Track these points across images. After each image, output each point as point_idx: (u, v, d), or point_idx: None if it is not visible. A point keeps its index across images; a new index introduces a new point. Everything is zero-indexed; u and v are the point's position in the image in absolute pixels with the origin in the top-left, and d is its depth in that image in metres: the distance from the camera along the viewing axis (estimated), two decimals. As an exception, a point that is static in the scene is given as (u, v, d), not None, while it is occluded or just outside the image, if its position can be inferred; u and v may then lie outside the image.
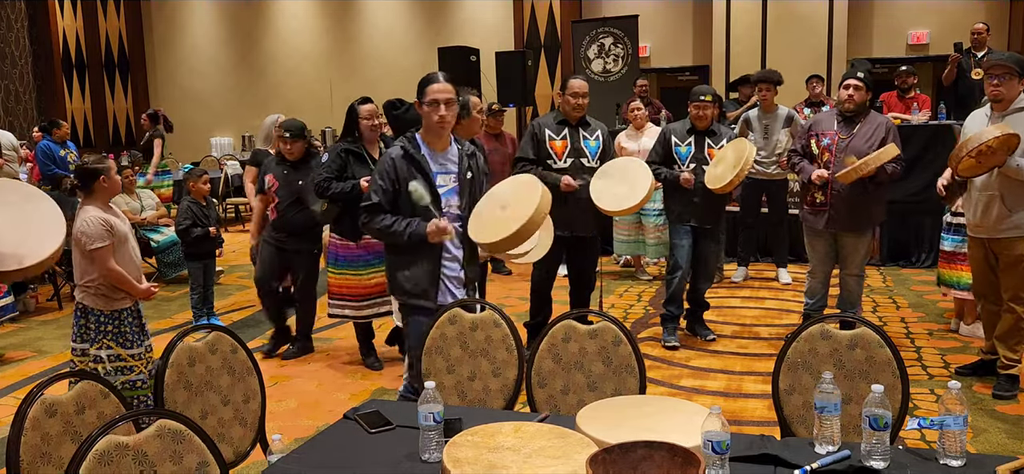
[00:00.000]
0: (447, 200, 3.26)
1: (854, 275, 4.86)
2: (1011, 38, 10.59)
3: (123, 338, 3.80)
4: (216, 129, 15.19)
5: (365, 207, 3.25)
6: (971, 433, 3.82)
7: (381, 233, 3.25)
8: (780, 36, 10.80)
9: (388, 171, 3.19)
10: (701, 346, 5.37)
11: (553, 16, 12.38)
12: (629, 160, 4.97)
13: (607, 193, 4.66)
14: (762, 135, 6.72)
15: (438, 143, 3.26)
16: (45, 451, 2.30)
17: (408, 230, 3.17)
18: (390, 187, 3.18)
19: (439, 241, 3.18)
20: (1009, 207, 4.09)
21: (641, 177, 4.66)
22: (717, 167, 4.96)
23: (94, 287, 3.73)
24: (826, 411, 2.12)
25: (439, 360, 3.02)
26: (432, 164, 3.23)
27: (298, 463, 2.23)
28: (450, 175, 3.28)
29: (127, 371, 3.82)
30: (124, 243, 3.78)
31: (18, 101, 14.03)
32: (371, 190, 3.24)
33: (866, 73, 4.72)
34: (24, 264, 2.89)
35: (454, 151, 3.32)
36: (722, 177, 4.84)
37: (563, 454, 1.97)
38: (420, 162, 3.19)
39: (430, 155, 3.24)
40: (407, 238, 3.17)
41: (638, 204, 4.61)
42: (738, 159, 4.80)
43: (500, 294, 6.88)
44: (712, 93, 5.20)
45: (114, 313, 3.78)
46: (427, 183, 3.20)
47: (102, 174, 3.74)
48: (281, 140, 4.99)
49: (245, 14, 14.95)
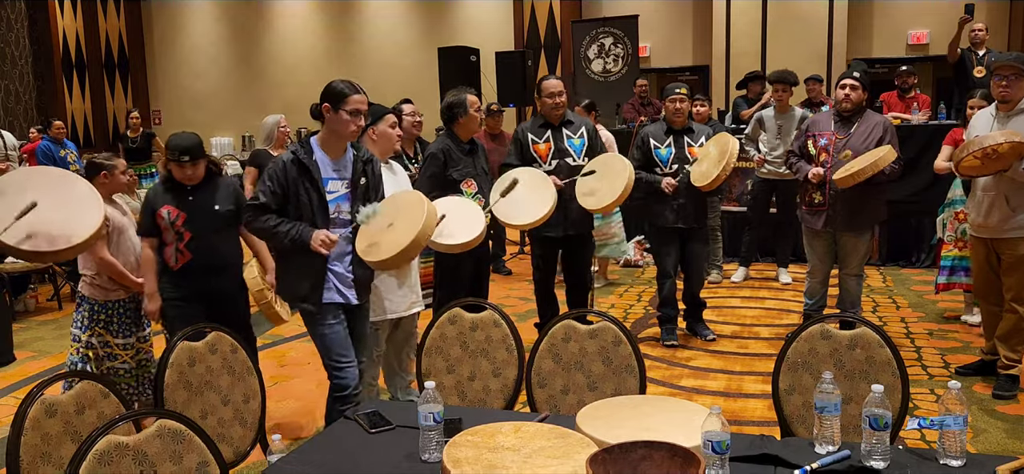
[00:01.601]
0: (338, 206, 3.25)
1: (853, 275, 4.86)
2: (1011, 38, 10.59)
3: (112, 327, 3.92)
4: (216, 129, 15.18)
5: (250, 205, 3.23)
6: (971, 433, 3.82)
7: (263, 232, 3.24)
8: (780, 36, 10.80)
9: (278, 175, 3.17)
10: (701, 346, 5.37)
11: (553, 16, 12.38)
12: (609, 156, 4.81)
13: (587, 190, 4.57)
14: (776, 135, 6.72)
15: (336, 151, 3.26)
16: (45, 451, 2.30)
17: (290, 234, 3.14)
18: (279, 190, 3.16)
19: (323, 252, 3.16)
20: (1013, 207, 4.08)
21: (619, 169, 4.47)
22: (701, 164, 4.94)
23: (90, 278, 3.88)
24: (826, 411, 2.12)
25: (439, 360, 3.03)
26: (324, 170, 3.22)
27: (298, 463, 2.23)
28: (342, 182, 3.28)
29: (111, 358, 3.92)
30: (122, 234, 3.89)
31: (18, 101, 14.03)
32: (258, 190, 3.23)
33: (862, 73, 4.72)
34: (72, 242, 3.10)
35: (349, 158, 3.32)
36: (708, 174, 4.82)
37: (563, 454, 1.97)
38: (310, 168, 3.18)
39: (323, 161, 3.23)
40: (288, 242, 3.15)
41: (617, 199, 4.41)
42: (722, 154, 4.77)
43: (500, 294, 6.88)
44: (687, 87, 5.16)
45: (107, 303, 3.90)
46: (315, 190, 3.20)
47: (105, 170, 3.88)
48: (177, 165, 3.70)
49: (245, 14, 14.94)
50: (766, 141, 6.80)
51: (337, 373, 3.26)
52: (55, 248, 3.09)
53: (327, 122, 3.21)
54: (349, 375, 3.26)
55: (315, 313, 3.24)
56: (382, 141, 3.70)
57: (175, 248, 3.72)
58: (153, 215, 3.71)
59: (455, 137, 4.30)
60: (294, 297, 3.32)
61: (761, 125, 6.83)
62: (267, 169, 3.25)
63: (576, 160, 4.78)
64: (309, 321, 3.30)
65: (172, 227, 3.69)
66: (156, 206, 3.72)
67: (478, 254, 4.33)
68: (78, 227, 3.15)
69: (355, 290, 3.33)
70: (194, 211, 3.73)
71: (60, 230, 3.09)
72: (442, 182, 4.12)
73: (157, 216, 3.71)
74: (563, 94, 4.83)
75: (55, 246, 3.08)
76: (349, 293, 3.31)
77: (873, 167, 4.35)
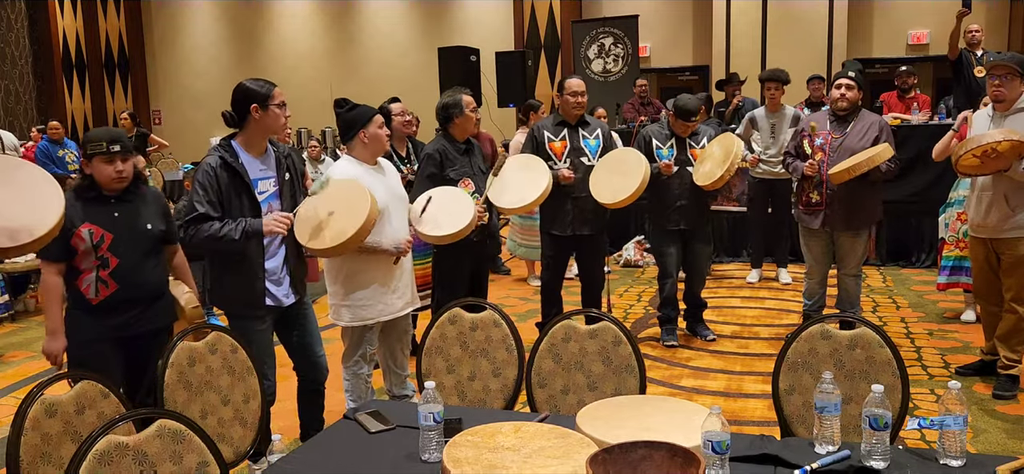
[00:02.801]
0: (270, 205, 3.23)
1: (852, 275, 4.86)
2: (1011, 38, 10.59)
3: None
4: (216, 129, 15.15)
5: (190, 220, 3.08)
6: (971, 433, 3.82)
7: (211, 240, 3.07)
8: (780, 36, 10.80)
9: (210, 182, 3.10)
10: (701, 346, 5.37)
11: (553, 16, 12.39)
12: (625, 150, 4.92)
13: (604, 186, 4.64)
14: (769, 134, 6.71)
15: (259, 149, 3.24)
16: (45, 451, 2.30)
17: (242, 228, 3.07)
18: (214, 197, 3.10)
19: (280, 232, 3.13)
20: (1012, 207, 4.08)
21: (635, 164, 4.60)
22: (704, 164, 4.94)
23: None
24: (826, 411, 2.12)
25: (439, 360, 3.02)
26: (251, 171, 3.19)
27: (298, 463, 2.23)
28: (270, 180, 3.26)
29: None
30: None
31: (18, 101, 14.03)
32: (195, 200, 3.09)
33: (857, 73, 4.72)
34: (36, 235, 2.64)
35: (271, 154, 3.30)
36: (711, 173, 4.82)
37: (563, 454, 1.97)
38: (239, 171, 3.15)
39: (249, 162, 3.21)
40: (241, 237, 3.06)
41: (634, 193, 4.50)
42: (726, 155, 4.78)
43: (500, 294, 6.88)
44: (697, 110, 5.16)
45: None
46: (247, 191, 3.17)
47: None
48: (105, 159, 2.98)
49: (245, 14, 14.95)
50: (759, 141, 6.78)
51: None
52: (16, 242, 2.63)
53: (254, 122, 3.17)
54: (265, 383, 3.14)
55: (239, 318, 3.20)
56: (373, 144, 3.62)
57: (96, 277, 2.97)
58: (67, 235, 2.90)
59: (451, 137, 4.30)
60: (234, 303, 3.25)
61: (754, 124, 6.80)
62: (197, 178, 3.14)
63: (591, 160, 4.82)
64: (234, 326, 3.19)
65: (94, 251, 2.96)
66: (72, 224, 2.91)
67: (478, 254, 4.34)
68: (41, 219, 2.67)
69: (290, 286, 3.31)
70: (121, 231, 3.02)
71: (22, 223, 2.63)
72: (440, 182, 4.12)
73: (75, 237, 2.94)
74: (585, 93, 4.87)
75: (17, 240, 2.62)
76: (279, 292, 3.28)
77: (869, 162, 4.34)
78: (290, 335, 3.45)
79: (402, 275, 3.70)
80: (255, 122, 3.17)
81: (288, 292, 3.33)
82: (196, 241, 3.10)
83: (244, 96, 3.17)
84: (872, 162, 4.35)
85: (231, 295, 3.26)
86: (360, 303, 3.58)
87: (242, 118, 3.19)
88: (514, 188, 4.30)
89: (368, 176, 3.56)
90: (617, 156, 4.78)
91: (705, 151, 5.03)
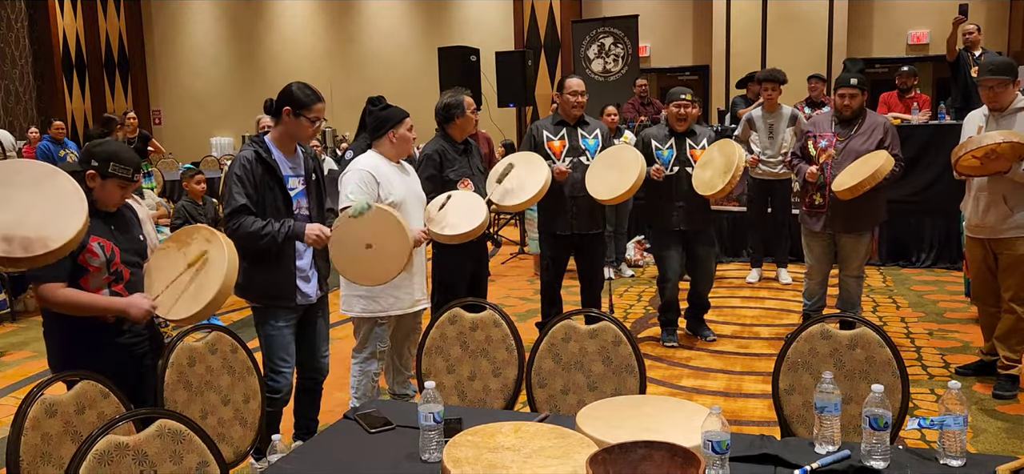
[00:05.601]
0: (298, 202, 3.32)
1: (854, 276, 4.85)
2: (1011, 38, 10.59)
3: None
4: (216, 129, 15.20)
5: (232, 211, 3.15)
6: (971, 433, 3.82)
7: (253, 237, 3.15)
8: (780, 36, 10.80)
9: (247, 174, 3.19)
10: (701, 346, 5.37)
11: (553, 16, 12.39)
12: (621, 147, 4.91)
13: (600, 182, 4.64)
14: (767, 134, 6.71)
15: (289, 149, 3.33)
16: (45, 451, 2.30)
17: (283, 230, 3.18)
18: (252, 191, 3.19)
19: (317, 246, 3.28)
20: (1011, 207, 4.08)
21: (631, 161, 4.59)
22: (705, 170, 4.88)
23: None
24: (826, 411, 2.12)
25: (439, 360, 3.03)
26: (283, 168, 3.28)
27: (298, 463, 2.23)
28: (300, 178, 3.35)
29: None
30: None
31: (18, 101, 14.03)
32: (235, 192, 3.16)
33: (859, 79, 4.71)
34: (50, 247, 2.47)
35: (300, 155, 3.40)
36: (713, 184, 4.76)
37: (563, 454, 1.97)
38: (272, 166, 3.23)
39: (281, 159, 3.29)
40: (283, 238, 3.19)
41: (631, 189, 4.52)
42: (729, 166, 4.71)
43: (500, 294, 6.88)
44: (691, 92, 5.17)
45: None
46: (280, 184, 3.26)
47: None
48: (122, 183, 2.80)
49: (245, 14, 14.95)
50: (757, 141, 6.77)
51: (273, 376, 3.34)
52: (30, 253, 2.47)
53: (285, 124, 3.26)
54: (283, 380, 3.35)
55: (267, 310, 3.30)
56: (400, 144, 3.76)
57: (109, 292, 2.79)
58: (75, 253, 2.66)
59: (449, 138, 4.30)
60: (275, 297, 3.32)
61: (751, 125, 6.79)
62: (234, 171, 3.20)
63: (589, 160, 4.82)
64: (259, 317, 3.34)
65: (107, 266, 2.77)
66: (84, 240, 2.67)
67: (477, 254, 4.34)
68: (58, 230, 2.51)
69: (317, 283, 3.40)
70: (123, 243, 2.85)
71: (36, 232, 2.48)
72: (440, 183, 4.14)
73: (86, 253, 2.72)
74: (585, 93, 4.88)
75: (31, 250, 2.46)
76: (308, 288, 3.36)
77: (872, 178, 4.35)
78: (304, 330, 3.50)
79: (413, 273, 3.74)
80: (285, 123, 3.27)
81: (315, 289, 3.42)
82: (240, 234, 3.15)
83: (285, 96, 3.26)
84: (875, 178, 4.35)
85: (263, 288, 3.31)
86: (371, 294, 3.68)
87: (277, 114, 3.29)
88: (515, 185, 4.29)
89: (392, 172, 3.68)
90: (613, 152, 4.78)
91: (705, 156, 4.99)
